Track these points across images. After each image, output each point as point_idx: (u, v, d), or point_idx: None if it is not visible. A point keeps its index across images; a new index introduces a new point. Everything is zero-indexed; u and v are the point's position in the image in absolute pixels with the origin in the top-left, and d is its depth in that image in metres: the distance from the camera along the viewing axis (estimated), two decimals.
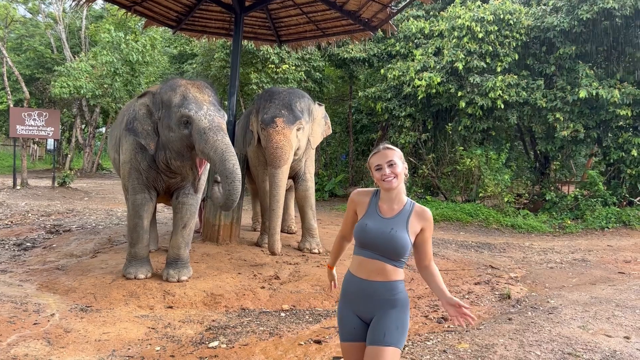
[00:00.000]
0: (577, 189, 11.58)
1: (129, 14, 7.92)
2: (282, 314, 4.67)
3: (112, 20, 19.14)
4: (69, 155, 21.44)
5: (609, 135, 10.93)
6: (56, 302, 4.49)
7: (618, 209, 10.58)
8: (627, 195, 11.08)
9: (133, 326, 4.08)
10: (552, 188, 11.98)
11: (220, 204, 4.52)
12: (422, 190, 12.49)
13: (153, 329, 4.07)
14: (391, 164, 2.24)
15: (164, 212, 10.01)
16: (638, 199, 11.08)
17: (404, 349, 3.83)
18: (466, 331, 4.19)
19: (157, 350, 3.64)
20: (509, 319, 4.53)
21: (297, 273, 5.79)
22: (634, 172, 10.78)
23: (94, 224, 8.71)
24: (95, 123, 21.66)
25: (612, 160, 11.01)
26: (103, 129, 26.88)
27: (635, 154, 10.47)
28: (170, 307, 4.64)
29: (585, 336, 4.03)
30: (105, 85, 15.64)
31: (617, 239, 9.25)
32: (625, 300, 5.16)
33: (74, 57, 19.57)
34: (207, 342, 3.85)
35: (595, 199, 10.69)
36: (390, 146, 2.31)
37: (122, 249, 6.38)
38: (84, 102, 19.95)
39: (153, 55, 16.11)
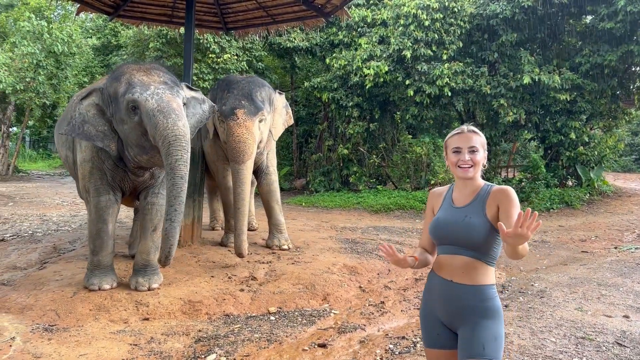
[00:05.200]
0: (521, 172, 11.97)
1: None
2: (272, 318, 4.33)
3: (26, 8, 17.52)
4: None
5: (548, 119, 11.34)
6: (12, 324, 3.88)
7: (560, 190, 11.04)
8: (568, 176, 11.59)
9: (112, 344, 3.60)
10: (494, 173, 12.31)
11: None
12: (373, 180, 12.43)
13: (136, 345, 3.61)
14: (473, 150, 2.01)
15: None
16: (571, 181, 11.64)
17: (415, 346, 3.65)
18: None
19: None
20: (506, 306, 4.46)
21: (273, 272, 5.45)
22: (572, 155, 11.28)
23: (30, 231, 7.86)
24: (9, 122, 19.73)
25: (550, 144, 11.46)
26: (15, 128, 24.72)
27: (573, 137, 10.95)
28: (147, 319, 4.17)
29: (587, 318, 4.02)
30: (27, 79, 14.19)
31: (565, 219, 9.61)
32: (604, 279, 5.27)
33: None
34: (202, 356, 3.46)
35: (538, 182, 11.07)
36: (475, 129, 2.06)
37: (73, 258, 5.75)
38: None
39: (81, 45, 14.78)
